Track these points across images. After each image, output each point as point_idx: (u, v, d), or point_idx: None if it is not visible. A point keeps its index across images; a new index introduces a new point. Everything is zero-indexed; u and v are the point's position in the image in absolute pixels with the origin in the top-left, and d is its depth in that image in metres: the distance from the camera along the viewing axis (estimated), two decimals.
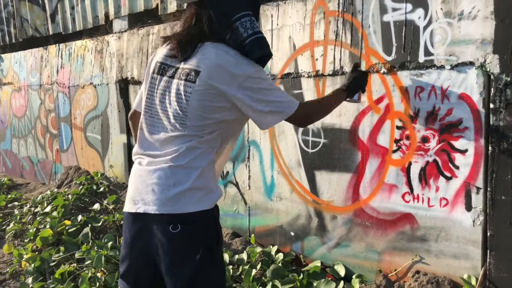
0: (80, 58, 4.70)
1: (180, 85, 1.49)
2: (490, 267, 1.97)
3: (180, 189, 1.48)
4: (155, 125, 1.58)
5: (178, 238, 1.49)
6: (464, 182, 2.02)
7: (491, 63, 1.90)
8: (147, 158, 1.58)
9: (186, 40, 1.52)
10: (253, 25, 1.49)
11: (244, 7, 1.50)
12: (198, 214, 1.50)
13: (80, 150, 4.79)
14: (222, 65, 1.45)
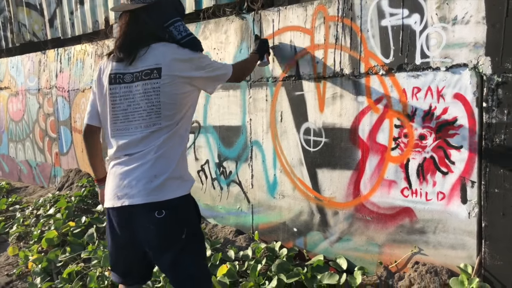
0: (80, 62, 4.77)
1: (145, 84, 1.70)
2: (485, 256, 2.09)
3: (161, 180, 1.69)
4: (129, 128, 1.74)
5: (164, 222, 1.70)
6: (460, 176, 2.15)
7: (484, 65, 2.04)
8: (124, 158, 1.74)
9: (128, 44, 1.75)
10: (185, 28, 1.82)
11: (174, 14, 1.81)
12: (178, 199, 1.73)
13: (81, 153, 4.85)
14: (177, 58, 1.73)
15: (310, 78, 2.70)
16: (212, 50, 3.26)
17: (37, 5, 5.66)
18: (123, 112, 1.75)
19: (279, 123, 2.88)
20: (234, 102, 3.15)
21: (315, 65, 2.67)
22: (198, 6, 3.52)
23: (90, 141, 1.96)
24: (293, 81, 2.79)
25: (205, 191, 3.43)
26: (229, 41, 3.15)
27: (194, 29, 3.39)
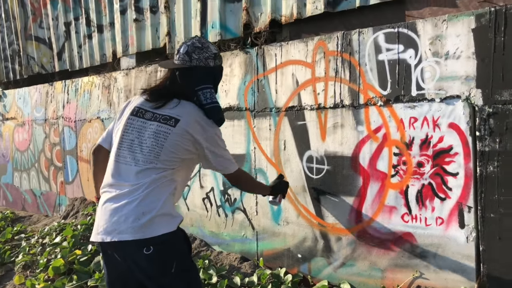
0: (87, 93, 4.92)
1: (159, 126, 1.87)
2: (484, 279, 2.17)
3: (149, 217, 1.79)
4: (128, 157, 1.87)
5: (152, 258, 1.79)
6: (457, 202, 2.25)
7: (475, 96, 2.18)
8: (116, 190, 1.85)
9: (162, 94, 1.95)
10: (211, 96, 1.96)
11: (207, 82, 1.97)
12: (166, 235, 1.82)
13: (86, 182, 4.94)
14: (198, 120, 1.90)
15: (312, 109, 2.84)
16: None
17: (46, 39, 5.87)
18: (129, 142, 1.89)
19: (283, 151, 3.00)
20: (238, 131, 3.27)
21: (316, 96, 2.81)
22: None
23: (97, 158, 2.11)
24: (296, 111, 2.93)
25: (210, 218, 3.51)
26: (234, 73, 3.30)
27: None
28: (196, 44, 1.96)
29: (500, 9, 2.09)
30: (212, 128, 1.94)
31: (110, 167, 1.92)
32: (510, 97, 2.07)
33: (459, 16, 2.22)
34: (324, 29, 3.01)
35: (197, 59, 1.94)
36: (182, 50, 1.96)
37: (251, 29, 3.35)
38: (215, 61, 2.00)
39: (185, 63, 1.94)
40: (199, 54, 1.95)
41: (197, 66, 1.95)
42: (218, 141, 1.97)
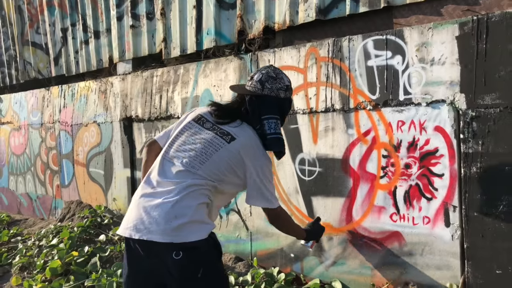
0: (84, 98, 4.99)
1: (214, 137, 1.90)
2: (468, 276, 2.27)
3: (181, 222, 1.77)
4: (175, 157, 1.91)
5: (181, 263, 1.77)
6: (443, 202, 2.35)
7: (459, 101, 2.28)
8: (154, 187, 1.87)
9: (228, 112, 1.99)
10: (276, 127, 1.96)
11: (274, 112, 1.97)
12: (197, 242, 1.79)
13: (82, 185, 5.00)
14: (253, 146, 1.92)
15: (304, 113, 2.93)
16: (212, 87, 3.51)
17: (43, 44, 5.94)
18: (181, 143, 1.94)
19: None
20: None
21: (308, 101, 2.91)
22: (199, 47, 3.80)
23: (148, 151, 2.13)
24: (289, 115, 3.02)
25: None
26: (228, 79, 3.40)
27: (195, 68, 3.65)
28: (271, 74, 1.98)
29: (482, 17, 2.21)
30: (265, 158, 1.93)
31: (156, 163, 1.95)
32: (492, 102, 2.18)
33: (443, 24, 2.33)
34: (315, 36, 3.12)
35: (269, 89, 1.95)
36: (256, 78, 1.98)
37: (245, 35, 3.45)
38: (286, 93, 2.00)
39: (257, 90, 1.96)
40: (272, 84, 1.96)
41: (267, 95, 1.96)
42: (266, 173, 1.94)
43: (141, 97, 4.22)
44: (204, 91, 3.57)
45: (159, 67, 4.18)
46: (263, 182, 1.92)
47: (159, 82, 4.03)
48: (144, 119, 4.18)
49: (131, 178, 4.34)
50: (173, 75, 3.88)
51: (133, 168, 4.33)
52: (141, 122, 4.25)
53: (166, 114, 3.92)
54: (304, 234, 2.32)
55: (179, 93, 3.80)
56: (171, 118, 3.88)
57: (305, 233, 2.33)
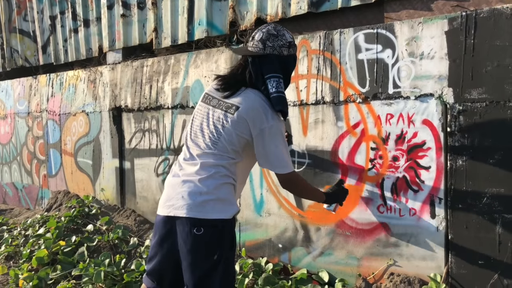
0: (72, 87, 4.94)
1: (221, 114, 1.90)
2: (451, 266, 2.32)
3: (206, 198, 1.84)
4: (195, 141, 1.96)
5: (201, 239, 1.83)
6: (429, 194, 2.39)
7: (447, 95, 2.32)
8: (181, 169, 1.95)
9: (231, 82, 1.96)
10: (278, 85, 1.90)
11: (277, 71, 1.92)
12: (219, 221, 1.85)
13: (70, 175, 4.96)
14: (257, 109, 1.87)
15: (294, 105, 2.95)
16: (203, 78, 3.50)
17: (31, 32, 5.85)
18: (196, 127, 1.98)
19: None
20: None
21: (299, 93, 2.93)
22: (190, 38, 3.78)
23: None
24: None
25: None
26: (219, 70, 3.40)
27: (186, 58, 3.64)
28: (271, 32, 1.92)
29: (471, 13, 2.24)
30: (273, 120, 1.87)
31: (183, 149, 2.03)
32: (479, 96, 2.22)
33: (433, 19, 2.37)
34: (307, 28, 3.14)
35: (271, 47, 1.91)
36: (257, 37, 1.93)
37: (237, 27, 3.45)
38: (289, 49, 1.95)
39: (259, 50, 1.91)
40: (274, 42, 1.91)
41: (270, 54, 1.91)
42: (276, 135, 1.87)
43: (131, 87, 4.20)
44: (194, 82, 3.57)
45: (149, 57, 4.15)
46: (270, 145, 1.87)
47: (149, 72, 4.01)
48: (134, 109, 4.16)
49: (120, 168, 4.32)
50: (163, 65, 3.86)
51: (122, 158, 4.31)
52: (130, 112, 4.23)
53: (156, 104, 3.91)
54: (323, 197, 2.27)
55: (170, 84, 3.79)
56: (161, 108, 3.87)
57: (325, 196, 2.28)
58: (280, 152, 1.90)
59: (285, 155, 1.93)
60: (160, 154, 3.88)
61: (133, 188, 4.18)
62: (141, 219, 4.02)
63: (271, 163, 1.92)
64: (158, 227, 1.96)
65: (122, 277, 3.16)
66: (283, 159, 1.92)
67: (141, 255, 3.51)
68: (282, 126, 1.93)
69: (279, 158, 1.90)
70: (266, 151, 1.88)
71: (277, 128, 1.88)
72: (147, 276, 2.03)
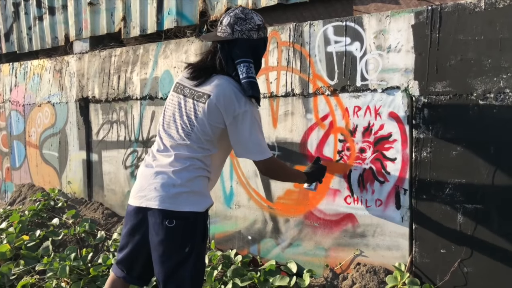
0: (37, 77, 4.78)
1: (194, 104, 1.86)
2: (415, 255, 2.38)
3: (179, 190, 1.82)
4: (168, 132, 1.92)
5: (172, 232, 1.81)
6: (394, 185, 2.44)
7: (413, 88, 2.36)
8: (155, 160, 1.92)
9: (202, 70, 1.92)
10: (248, 70, 1.86)
11: (247, 55, 1.88)
12: (192, 214, 1.84)
13: (35, 168, 4.81)
14: (228, 95, 1.83)
15: (264, 97, 2.95)
16: (173, 68, 3.45)
17: None
18: (168, 118, 1.94)
19: None
20: None
21: (269, 85, 2.92)
22: (160, 27, 3.71)
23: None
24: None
25: None
26: (189, 60, 3.34)
27: (155, 48, 3.57)
28: (239, 15, 1.87)
29: (436, 8, 2.28)
30: (246, 105, 1.82)
31: (156, 140, 1.99)
32: (443, 89, 2.27)
33: (400, 13, 2.40)
34: (277, 20, 3.13)
35: (239, 31, 1.85)
36: (225, 22, 1.88)
37: (207, 17, 3.41)
38: (259, 32, 1.90)
39: (227, 35, 1.86)
40: (242, 25, 1.86)
41: (239, 38, 1.86)
42: (250, 121, 1.82)
43: (99, 77, 4.09)
44: (164, 72, 3.51)
45: (118, 46, 4.06)
46: (244, 132, 1.83)
47: (118, 62, 3.91)
48: (102, 100, 4.06)
49: (87, 160, 4.21)
50: (132, 55, 3.78)
51: (89, 150, 4.20)
52: (98, 103, 4.12)
53: (124, 95, 3.83)
54: (304, 177, 2.27)
55: (138, 74, 3.71)
56: (129, 99, 3.79)
57: (306, 176, 2.28)
58: (256, 138, 1.86)
59: (261, 141, 1.89)
60: (129, 146, 3.81)
61: (101, 181, 4.09)
62: (109, 212, 3.94)
63: (248, 151, 1.88)
64: (130, 217, 1.94)
65: (88, 271, 3.09)
66: (260, 145, 1.89)
67: (108, 249, 3.45)
68: (256, 112, 1.90)
69: (256, 144, 1.87)
70: (241, 138, 1.84)
71: (251, 113, 1.84)
72: (116, 265, 2.02)
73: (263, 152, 1.90)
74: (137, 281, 2.03)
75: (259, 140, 1.87)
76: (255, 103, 1.90)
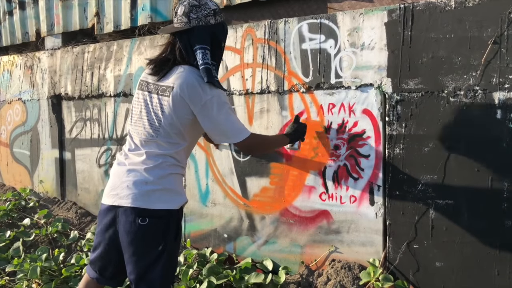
0: (7, 73, 4.64)
1: (159, 99, 1.84)
2: (389, 250, 2.40)
3: (152, 187, 1.80)
4: (136, 131, 1.90)
5: (145, 230, 1.79)
6: (368, 181, 2.46)
7: (386, 85, 2.38)
8: (127, 158, 1.90)
9: (163, 63, 1.90)
10: (204, 57, 1.84)
11: (204, 42, 1.86)
12: (165, 211, 1.81)
13: (5, 167, 4.68)
14: (192, 84, 1.81)
15: (240, 94, 2.93)
16: None
17: None
18: (135, 116, 1.92)
19: None
20: None
21: (245, 82, 2.91)
22: (134, 23, 3.65)
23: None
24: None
25: None
26: None
27: (129, 45, 3.51)
28: (193, 3, 1.85)
29: (408, 6, 2.31)
30: (212, 90, 1.81)
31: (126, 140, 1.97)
32: (415, 86, 2.30)
33: (374, 11, 2.42)
34: (253, 16, 3.11)
35: (195, 19, 1.84)
36: (180, 12, 1.86)
37: None
38: (216, 17, 1.89)
39: (184, 25, 1.84)
40: (197, 12, 1.84)
41: (197, 26, 1.84)
42: (219, 105, 1.81)
43: (71, 74, 4.00)
44: (138, 69, 3.45)
45: (91, 43, 3.97)
46: (217, 118, 1.82)
47: (91, 59, 3.83)
48: (74, 97, 3.97)
49: (60, 159, 4.12)
50: (105, 52, 3.70)
51: (61, 149, 4.11)
52: (71, 100, 4.03)
53: (98, 92, 3.75)
54: (287, 140, 2.31)
55: (112, 71, 3.64)
56: (102, 96, 3.72)
57: (288, 138, 2.31)
58: (229, 122, 1.86)
59: (236, 122, 1.89)
60: (102, 144, 3.73)
61: (74, 180, 4.01)
62: (83, 212, 3.86)
63: (225, 136, 1.89)
64: (102, 216, 1.91)
65: (60, 272, 3.02)
66: (235, 127, 1.88)
67: (82, 249, 3.38)
68: (223, 94, 1.88)
69: (231, 127, 1.87)
70: (215, 125, 1.84)
71: (218, 98, 1.83)
72: (89, 265, 1.99)
73: (240, 133, 1.89)
74: (110, 282, 2.00)
75: (233, 122, 1.87)
76: (220, 86, 1.88)
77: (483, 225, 2.14)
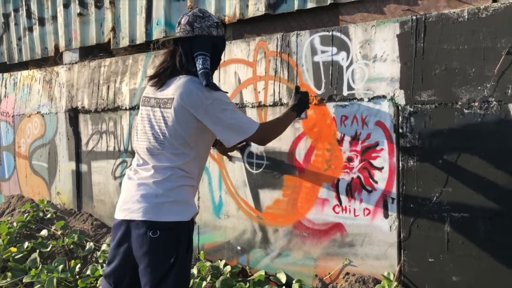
0: (27, 87, 4.76)
1: (161, 112, 1.87)
2: (404, 264, 2.37)
3: (162, 200, 1.82)
4: (143, 146, 1.93)
5: (157, 242, 1.80)
6: (382, 194, 2.44)
7: (399, 97, 2.37)
8: (136, 173, 1.92)
9: (161, 72, 1.95)
10: (203, 62, 1.88)
11: (204, 49, 1.91)
12: (176, 224, 1.83)
13: (24, 179, 4.77)
14: (191, 91, 1.84)
15: (253, 106, 2.95)
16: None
17: None
18: (140, 132, 1.95)
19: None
20: None
21: (257, 95, 2.92)
22: (148, 38, 3.72)
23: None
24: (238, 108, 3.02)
25: None
26: None
27: (144, 59, 3.57)
28: (197, 14, 1.93)
29: (421, 17, 2.30)
30: (212, 93, 1.84)
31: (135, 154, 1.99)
32: (428, 98, 2.28)
33: (386, 23, 2.42)
34: (265, 30, 3.14)
35: (199, 28, 1.90)
36: (184, 21, 1.92)
37: None
38: (218, 30, 1.96)
39: (187, 33, 1.90)
40: (201, 23, 1.91)
41: (199, 35, 1.90)
42: (222, 106, 1.85)
43: (88, 87, 4.08)
44: None
45: (107, 57, 4.05)
46: (223, 119, 1.85)
47: (107, 73, 3.91)
48: (91, 110, 4.04)
49: (77, 171, 4.19)
50: (121, 66, 3.78)
51: (78, 161, 4.18)
52: (87, 114, 4.11)
53: (114, 105, 3.82)
54: (294, 114, 2.32)
55: (127, 84, 3.71)
56: (118, 109, 3.78)
57: (295, 111, 2.31)
58: (236, 119, 1.89)
59: (242, 118, 1.92)
60: (118, 157, 3.79)
61: (90, 192, 4.07)
62: (98, 223, 3.91)
63: (236, 133, 1.90)
64: (115, 231, 1.93)
65: (76, 283, 3.06)
66: (243, 123, 1.91)
67: (97, 260, 3.41)
68: (223, 95, 1.90)
69: (239, 125, 1.89)
70: (223, 125, 1.86)
71: (219, 99, 1.86)
72: (104, 279, 2.00)
73: (249, 127, 1.92)
74: None
75: (239, 119, 1.90)
76: (219, 88, 1.91)
77: (501, 239, 2.10)
